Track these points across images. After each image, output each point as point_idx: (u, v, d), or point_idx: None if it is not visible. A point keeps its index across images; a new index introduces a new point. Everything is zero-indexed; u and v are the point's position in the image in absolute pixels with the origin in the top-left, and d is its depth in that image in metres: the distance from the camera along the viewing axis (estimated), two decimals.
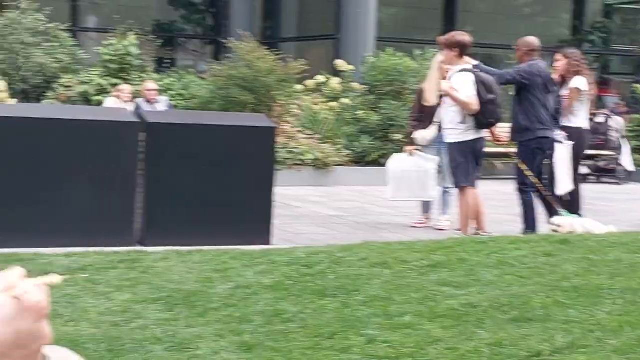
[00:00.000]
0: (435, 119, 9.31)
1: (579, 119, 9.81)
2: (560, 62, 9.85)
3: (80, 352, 2.18)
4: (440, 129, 9.17)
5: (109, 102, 14.05)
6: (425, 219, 9.82)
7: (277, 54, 14.61)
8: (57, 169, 7.41)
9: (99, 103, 14.46)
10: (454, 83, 8.50)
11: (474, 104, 8.38)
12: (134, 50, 15.63)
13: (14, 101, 13.98)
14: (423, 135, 9.47)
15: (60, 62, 15.80)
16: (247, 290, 5.94)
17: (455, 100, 8.44)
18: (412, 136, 9.66)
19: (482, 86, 8.51)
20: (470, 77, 8.50)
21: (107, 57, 15.39)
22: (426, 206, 9.84)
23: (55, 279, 0.93)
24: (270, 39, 20.08)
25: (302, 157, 13.36)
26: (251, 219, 8.03)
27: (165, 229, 7.70)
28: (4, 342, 0.83)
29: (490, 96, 8.52)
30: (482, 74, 8.63)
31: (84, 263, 6.57)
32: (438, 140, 9.35)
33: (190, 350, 4.59)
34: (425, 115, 9.45)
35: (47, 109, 10.24)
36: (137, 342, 4.67)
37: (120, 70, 15.33)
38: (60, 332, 4.74)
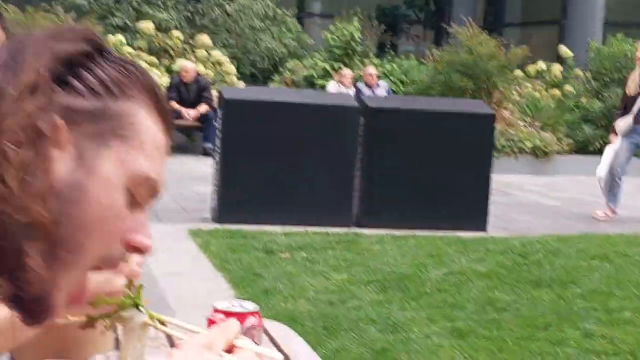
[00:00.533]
0: (634, 109, 8.99)
1: None
2: None
3: (297, 328, 2.30)
4: (636, 120, 8.93)
5: (331, 85, 14.39)
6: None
7: (499, 40, 14.39)
8: (282, 150, 7.68)
9: (322, 87, 14.83)
10: None
11: None
12: (358, 36, 15.90)
13: (242, 84, 14.61)
14: (620, 125, 9.16)
15: (287, 47, 16.33)
16: (461, 277, 5.95)
17: None
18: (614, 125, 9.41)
19: None
20: None
21: (332, 42, 15.74)
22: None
23: (278, 357, 0.95)
24: (493, 25, 19.79)
25: (521, 145, 13.12)
26: (467, 205, 8.00)
27: (381, 212, 7.81)
28: None
29: None
30: None
31: (303, 242, 6.81)
32: (635, 130, 9.07)
33: (403, 333, 4.67)
34: (627, 105, 9.14)
35: (277, 92, 10.61)
36: (352, 321, 4.81)
37: (344, 54, 15.63)
38: (280, 308, 4.96)
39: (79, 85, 0.95)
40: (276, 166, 7.68)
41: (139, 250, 0.99)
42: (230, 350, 0.92)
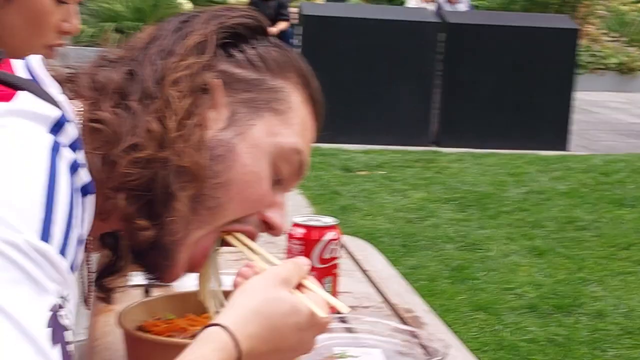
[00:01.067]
0: None
1: None
2: None
3: (376, 244, 2.31)
4: None
5: (411, 1, 14.15)
6: None
7: None
8: (361, 67, 7.63)
9: (402, 3, 14.60)
10: None
11: None
12: None
13: (320, 0, 14.46)
14: None
15: None
16: (541, 196, 5.88)
17: None
18: None
19: None
20: None
21: None
22: None
23: (344, 309, 0.98)
24: None
25: (605, 61, 12.77)
26: (548, 123, 7.86)
27: (460, 130, 7.74)
28: (287, 347, 0.90)
29: None
30: None
31: (382, 160, 6.80)
32: None
33: (481, 251, 4.67)
34: None
35: (356, 8, 10.47)
36: (430, 239, 4.81)
37: None
38: (359, 225, 4.99)
39: (241, 56, 0.99)
40: (354, 83, 7.64)
41: (270, 228, 1.01)
42: (298, 287, 0.94)
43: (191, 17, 1.00)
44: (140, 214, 0.92)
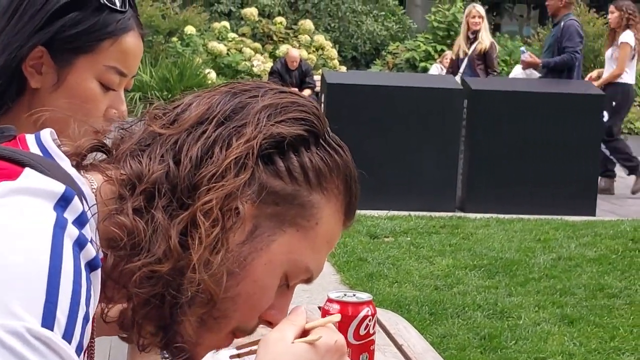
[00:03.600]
0: None
1: (628, 75, 9.05)
2: (613, 15, 9.05)
3: (403, 313, 2.29)
4: None
5: (434, 69, 14.26)
6: None
7: (606, 18, 13.98)
8: (385, 134, 7.66)
9: (424, 70, 14.71)
10: None
11: None
12: (461, 17, 15.71)
13: (343, 68, 14.62)
14: None
15: (388, 30, 16.25)
16: (570, 262, 5.82)
17: None
18: None
19: None
20: None
21: (435, 24, 15.59)
22: None
23: (336, 317, 0.99)
24: (600, 2, 19.24)
25: (631, 125, 12.77)
26: (575, 188, 7.82)
27: (485, 196, 7.71)
28: None
29: None
30: None
31: (407, 226, 6.78)
32: None
33: (511, 319, 4.61)
34: None
35: (379, 75, 10.58)
36: (458, 307, 4.76)
37: (447, 36, 15.48)
38: (386, 292, 4.95)
39: (282, 166, 0.95)
40: (378, 150, 7.66)
41: (270, 324, 1.01)
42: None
43: (243, 113, 0.95)
44: (147, 319, 0.92)
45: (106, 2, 1.43)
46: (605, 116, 8.54)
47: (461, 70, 9.49)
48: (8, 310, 0.74)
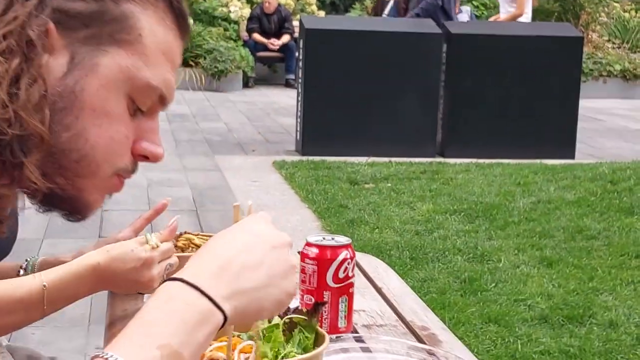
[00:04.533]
0: None
1: (526, 16, 9.44)
2: None
3: (384, 258, 2.30)
4: None
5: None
6: None
7: None
8: (364, 80, 7.61)
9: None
10: None
11: None
12: None
13: (322, 13, 14.50)
14: None
15: None
16: (549, 205, 5.86)
17: None
18: None
19: None
20: None
21: None
22: None
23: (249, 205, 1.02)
24: None
25: (609, 68, 12.76)
26: (554, 132, 7.84)
27: (465, 141, 7.72)
28: (245, 240, 0.88)
29: None
30: None
31: (387, 173, 6.79)
32: None
33: (491, 263, 4.64)
34: None
35: (358, 20, 10.46)
36: (439, 251, 4.79)
37: None
38: (367, 238, 4.97)
39: None
40: (358, 96, 7.63)
41: (147, 158, 0.97)
42: None
43: None
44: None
45: None
46: None
47: (386, 11, 9.51)
48: None
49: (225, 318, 0.82)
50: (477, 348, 3.49)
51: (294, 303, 1.19)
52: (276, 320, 1.12)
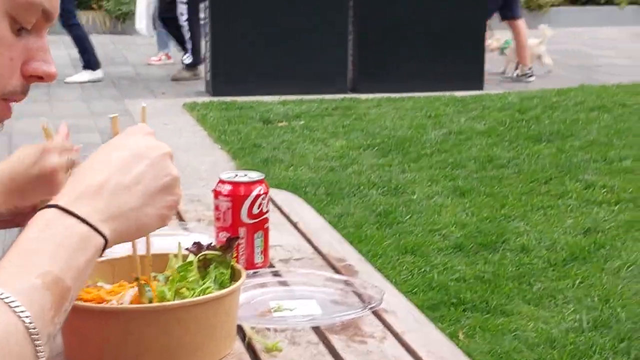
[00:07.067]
0: None
1: None
2: None
3: (300, 195, 2.29)
4: None
5: None
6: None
7: None
8: (273, 18, 7.54)
9: None
10: None
11: None
12: None
13: None
14: None
15: None
16: (460, 136, 5.94)
17: None
18: None
19: None
20: None
21: None
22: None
23: (142, 106, 0.98)
24: None
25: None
26: (463, 63, 7.91)
27: (375, 76, 7.73)
28: (120, 157, 0.86)
29: None
30: None
31: (300, 110, 6.77)
32: None
33: (405, 195, 4.69)
34: None
35: None
36: (354, 186, 4.82)
37: None
38: (282, 176, 4.97)
39: None
40: (266, 35, 7.56)
41: (41, 79, 0.93)
42: None
43: None
44: None
45: None
46: None
47: None
48: None
49: (106, 241, 0.81)
50: (395, 279, 3.54)
51: (209, 240, 1.18)
52: (190, 257, 1.11)
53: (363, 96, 7.41)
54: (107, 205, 0.83)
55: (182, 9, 8.23)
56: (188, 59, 8.37)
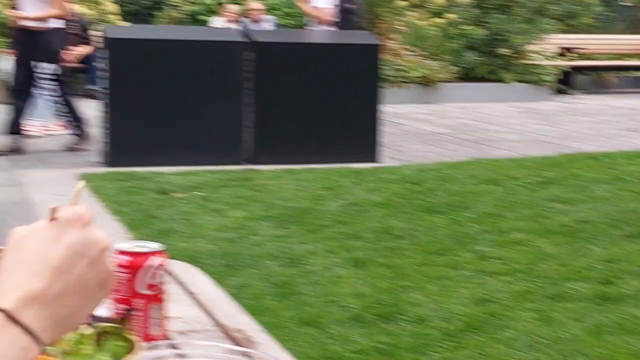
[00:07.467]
0: None
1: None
2: None
3: (199, 266, 2.26)
4: None
5: (216, 21, 14.17)
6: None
7: None
8: (170, 90, 7.54)
9: (208, 22, 14.59)
10: None
11: None
12: None
13: (127, 23, 14.23)
14: None
15: None
16: (357, 208, 6.00)
17: None
18: None
19: None
20: None
21: None
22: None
23: (80, 184, 0.94)
24: None
25: (407, 74, 13.23)
26: (359, 137, 8.05)
27: (275, 147, 7.79)
28: (61, 258, 0.83)
29: None
30: None
31: (199, 181, 6.74)
32: None
33: (304, 266, 4.69)
34: None
35: (157, 30, 10.37)
36: (253, 257, 4.80)
37: None
38: (180, 248, 4.91)
39: None
40: (166, 106, 7.55)
41: None
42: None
43: None
44: None
45: None
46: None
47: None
48: None
49: (42, 345, 0.79)
50: (294, 351, 3.50)
51: (105, 312, 1.15)
52: (86, 330, 1.08)
53: (262, 167, 7.43)
54: (51, 313, 0.80)
55: (49, 86, 8.09)
56: (76, 129, 8.30)
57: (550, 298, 4.25)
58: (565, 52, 14.95)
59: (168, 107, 7.55)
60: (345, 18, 8.92)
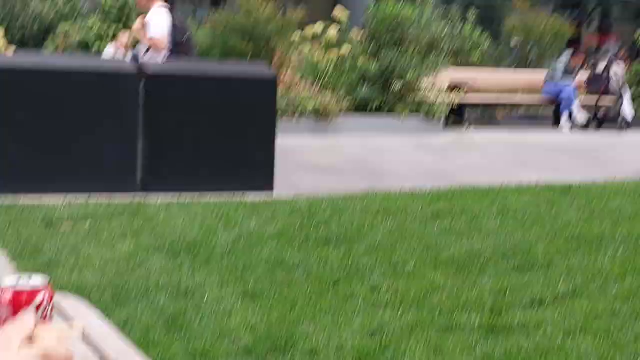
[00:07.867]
0: None
1: None
2: None
3: (86, 299, 2.19)
4: None
5: (108, 50, 13.95)
6: None
7: (276, 2, 14.48)
8: (63, 120, 7.37)
9: (99, 50, 14.35)
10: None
11: None
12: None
13: (12, 49, 13.88)
14: None
15: (58, 11, 15.65)
16: (251, 240, 5.96)
17: None
18: None
19: None
20: None
21: (109, 3, 15.21)
22: None
23: (77, 326, 0.91)
24: None
25: (302, 107, 13.30)
26: (253, 169, 8.02)
27: (167, 178, 7.69)
28: None
29: None
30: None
31: (86, 212, 6.58)
32: None
33: (195, 298, 4.62)
34: None
35: (45, 58, 10.15)
36: (142, 290, 4.70)
37: (123, 16, 15.16)
38: (65, 280, 4.77)
39: None
40: (55, 136, 7.37)
41: None
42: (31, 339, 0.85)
43: None
44: None
45: None
46: None
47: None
48: None
49: None
50: None
51: None
52: None
53: (153, 199, 7.31)
54: None
55: None
56: None
57: (441, 329, 4.29)
58: (455, 87, 15.30)
59: (58, 137, 7.37)
60: (179, 48, 9.10)
